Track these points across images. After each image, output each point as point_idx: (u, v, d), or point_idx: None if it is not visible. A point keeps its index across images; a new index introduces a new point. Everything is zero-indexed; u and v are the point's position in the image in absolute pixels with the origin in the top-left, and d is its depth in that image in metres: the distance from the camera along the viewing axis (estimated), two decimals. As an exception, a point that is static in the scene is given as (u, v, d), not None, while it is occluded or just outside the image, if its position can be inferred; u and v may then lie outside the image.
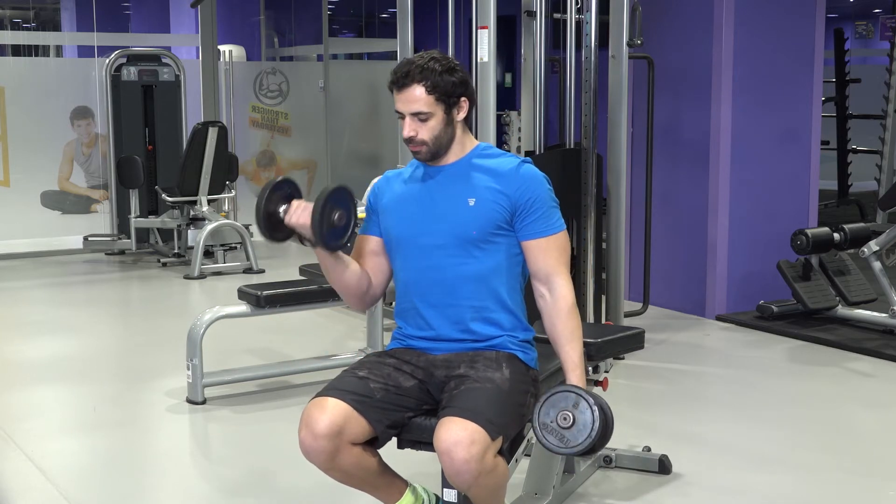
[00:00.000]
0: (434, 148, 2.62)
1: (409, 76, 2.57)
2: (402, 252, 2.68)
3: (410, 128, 2.60)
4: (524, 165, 2.65)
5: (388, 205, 2.72)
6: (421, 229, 2.64)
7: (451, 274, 2.62)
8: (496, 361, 2.59)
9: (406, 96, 2.58)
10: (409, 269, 2.67)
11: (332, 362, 4.61)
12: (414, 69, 2.57)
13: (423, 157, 2.65)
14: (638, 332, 3.51)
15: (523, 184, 2.60)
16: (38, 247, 8.25)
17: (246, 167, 9.31)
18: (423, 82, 2.56)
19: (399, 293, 2.73)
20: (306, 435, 2.47)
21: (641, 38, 4.97)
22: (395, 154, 6.24)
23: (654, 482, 3.43)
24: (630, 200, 5.94)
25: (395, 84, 2.60)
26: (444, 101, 2.59)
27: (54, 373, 4.95)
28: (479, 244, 2.60)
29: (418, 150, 2.63)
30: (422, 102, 2.57)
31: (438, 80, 2.57)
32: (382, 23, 14.19)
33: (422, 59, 2.59)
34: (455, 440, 2.35)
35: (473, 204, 2.60)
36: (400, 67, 2.60)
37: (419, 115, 2.58)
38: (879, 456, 3.81)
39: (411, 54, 5.53)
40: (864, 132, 9.93)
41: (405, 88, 2.58)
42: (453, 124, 2.63)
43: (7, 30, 14.48)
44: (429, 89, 2.57)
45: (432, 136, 2.61)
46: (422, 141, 2.61)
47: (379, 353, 2.73)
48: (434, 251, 2.63)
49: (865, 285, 5.66)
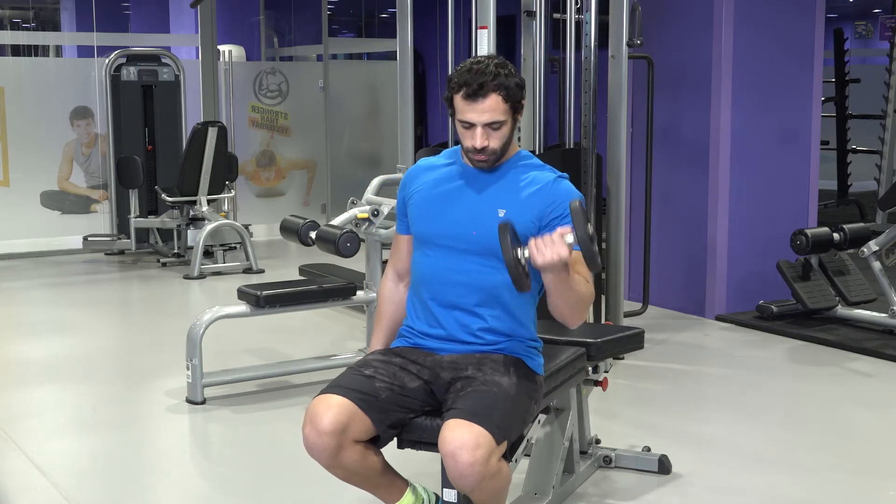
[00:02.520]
0: (500, 154, 2.59)
1: (485, 87, 2.49)
2: (426, 246, 2.67)
3: (482, 138, 2.54)
4: (561, 182, 2.61)
5: (417, 196, 2.70)
6: (445, 230, 2.63)
7: (467, 280, 2.61)
8: (503, 365, 2.59)
9: (483, 106, 2.51)
10: (426, 264, 2.67)
11: (332, 362, 4.61)
12: (489, 78, 2.50)
13: (487, 165, 2.59)
14: (638, 332, 3.51)
15: (557, 199, 2.57)
16: (37, 247, 8.25)
17: (246, 167, 9.31)
18: (499, 91, 2.51)
19: (413, 282, 2.73)
20: (310, 431, 2.47)
21: (641, 38, 4.96)
22: (394, 154, 6.23)
23: (654, 482, 3.43)
24: (630, 200, 5.94)
25: (468, 95, 2.51)
26: (514, 108, 2.56)
27: (54, 373, 4.95)
28: (500, 255, 2.57)
29: (485, 160, 2.58)
30: (500, 111, 2.52)
31: (511, 85, 2.53)
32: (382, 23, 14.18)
33: (489, 66, 2.51)
34: (461, 443, 2.35)
35: (503, 216, 2.55)
36: (471, 77, 2.50)
37: (493, 125, 2.53)
38: (879, 456, 3.81)
39: (411, 54, 5.59)
40: (864, 132, 9.92)
41: (482, 98, 2.50)
42: (515, 128, 2.61)
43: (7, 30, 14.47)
44: (504, 98, 2.52)
45: (502, 144, 2.57)
46: (493, 150, 2.56)
47: (385, 350, 2.73)
48: (454, 254, 2.61)
49: (865, 285, 5.66)
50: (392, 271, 2.85)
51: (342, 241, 4.42)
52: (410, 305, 2.73)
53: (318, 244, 4.55)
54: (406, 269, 2.77)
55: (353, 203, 4.80)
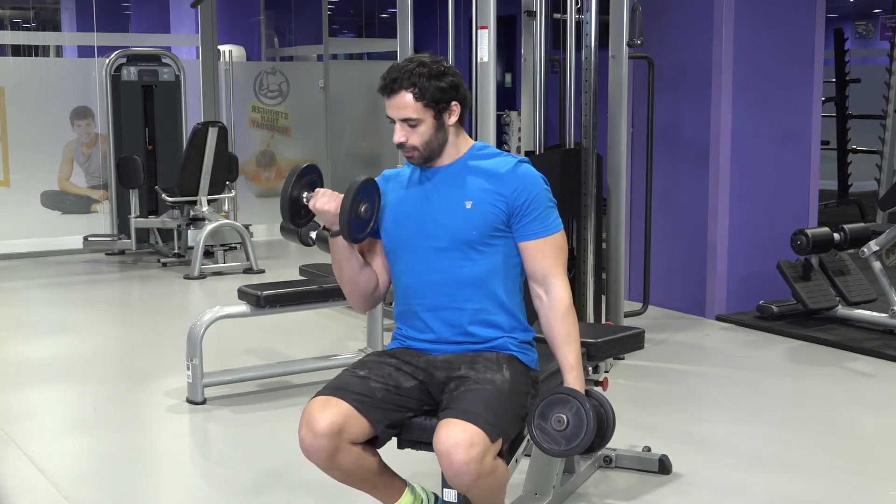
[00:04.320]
0: (426, 153, 2.61)
1: (396, 82, 2.55)
2: (400, 254, 2.68)
3: (400, 133, 2.59)
4: (521, 165, 2.63)
5: (386, 205, 2.71)
6: (418, 232, 2.64)
7: (449, 277, 2.61)
8: (496, 363, 2.59)
9: (395, 103, 2.57)
10: (407, 271, 2.67)
11: (332, 362, 4.61)
12: (402, 75, 2.55)
13: (416, 161, 2.64)
14: (638, 332, 3.51)
15: (520, 184, 2.59)
16: (38, 247, 8.26)
17: (246, 167, 9.31)
18: (410, 89, 2.55)
19: (398, 296, 2.73)
20: (306, 433, 2.47)
21: (641, 38, 4.96)
22: (394, 154, 6.23)
23: (654, 482, 3.43)
24: (630, 200, 5.94)
25: (383, 90, 2.58)
26: (433, 108, 2.57)
27: (54, 373, 4.95)
28: (477, 247, 2.59)
29: (410, 156, 2.63)
30: (410, 109, 2.56)
31: (427, 85, 2.55)
32: (382, 23, 14.20)
33: (410, 65, 2.57)
34: (454, 442, 2.35)
35: (471, 207, 2.59)
36: (388, 73, 2.58)
37: (408, 122, 2.57)
38: (879, 456, 3.81)
39: (411, 54, 5.59)
40: (864, 132, 9.92)
41: (394, 95, 2.56)
42: (444, 128, 2.61)
43: (7, 30, 14.48)
44: (416, 96, 2.55)
45: (423, 142, 2.59)
46: (412, 146, 2.60)
47: (380, 352, 2.73)
48: (432, 254, 2.62)
49: (865, 285, 5.66)
50: None
51: (342, 241, 4.41)
52: (400, 320, 2.74)
53: (318, 244, 4.55)
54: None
55: (354, 203, 4.79)
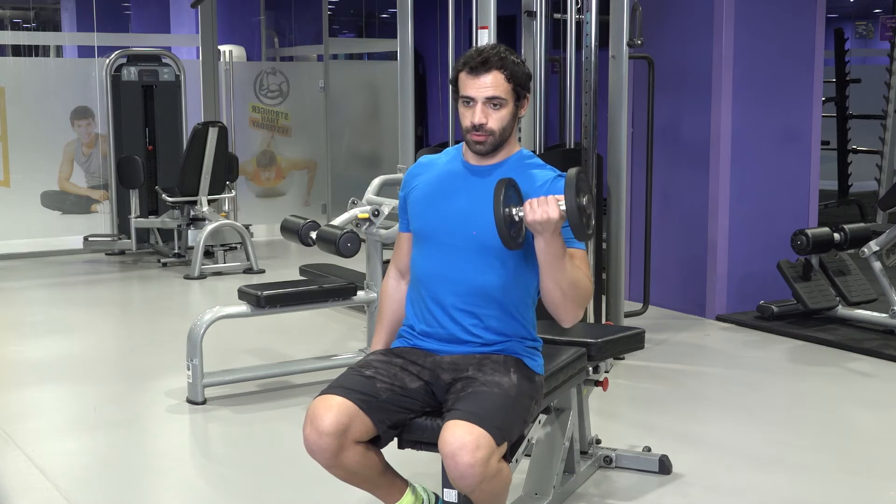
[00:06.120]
0: (499, 139, 2.60)
1: (488, 62, 2.54)
2: (423, 245, 2.68)
3: (482, 114, 2.56)
4: (560, 181, 2.59)
5: (417, 191, 2.71)
6: (444, 228, 2.63)
7: (465, 278, 2.60)
8: (504, 366, 2.58)
9: (483, 81, 2.55)
10: (425, 263, 2.67)
11: (332, 362, 4.61)
12: (493, 56, 2.55)
13: (486, 148, 2.60)
14: (638, 333, 3.51)
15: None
16: (38, 247, 8.26)
17: (246, 167, 9.31)
18: (502, 69, 2.55)
19: (412, 281, 2.73)
20: (311, 432, 2.47)
21: (641, 38, 4.96)
22: (395, 154, 6.23)
23: (654, 482, 3.43)
24: (630, 200, 5.94)
25: (471, 70, 2.56)
26: (517, 93, 2.59)
27: (54, 373, 4.95)
28: (499, 255, 2.57)
29: (482, 140, 2.59)
30: (500, 89, 2.55)
31: (516, 69, 2.57)
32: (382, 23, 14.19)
33: (497, 48, 2.58)
34: (460, 444, 2.35)
35: None
36: (475, 54, 2.57)
37: (493, 101, 2.55)
38: (879, 456, 3.81)
39: (412, 54, 5.59)
40: (864, 132, 9.93)
41: (484, 73, 2.54)
42: (516, 119, 2.62)
43: (7, 30, 14.48)
44: (507, 77, 2.55)
45: (501, 127, 2.58)
46: (490, 130, 2.57)
47: (386, 351, 2.73)
48: (453, 252, 2.61)
49: (865, 285, 5.66)
50: (394, 269, 2.86)
51: (343, 242, 4.42)
52: (409, 304, 2.73)
53: (318, 244, 4.56)
54: (407, 268, 2.78)
55: (354, 203, 4.80)
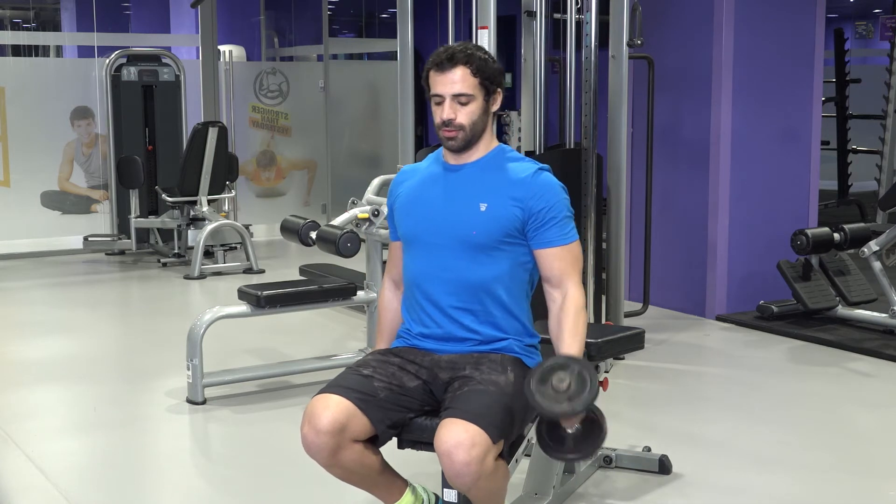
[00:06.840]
0: (470, 134, 2.60)
1: (453, 58, 2.56)
2: (411, 248, 2.69)
3: (450, 110, 2.58)
4: (541, 173, 2.63)
5: (402, 200, 2.72)
6: (429, 228, 2.64)
7: (455, 276, 2.61)
8: (501, 364, 2.59)
9: (449, 77, 2.57)
10: (415, 265, 2.68)
11: (332, 362, 4.61)
12: (458, 52, 2.57)
13: (457, 144, 2.61)
14: (638, 333, 3.51)
15: (539, 192, 2.59)
16: (38, 247, 8.26)
17: (246, 167, 9.31)
18: (467, 64, 2.56)
19: (405, 285, 2.74)
20: (309, 431, 2.47)
21: (641, 38, 4.96)
22: (395, 154, 6.23)
23: (654, 482, 3.43)
24: (630, 200, 5.94)
25: (437, 66, 2.58)
26: (486, 87, 2.59)
27: (54, 373, 4.95)
28: (486, 250, 2.59)
29: (454, 136, 2.60)
30: (466, 84, 2.56)
31: (482, 64, 2.58)
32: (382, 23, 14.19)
33: (463, 46, 2.60)
34: (456, 442, 2.35)
35: (485, 210, 2.58)
36: (441, 52, 2.59)
37: (460, 98, 2.57)
38: (879, 456, 3.81)
39: (411, 54, 5.59)
40: (864, 132, 9.93)
41: (450, 70, 2.56)
42: (488, 114, 2.63)
43: (7, 30, 14.49)
44: (473, 72, 2.57)
45: (470, 122, 2.59)
46: (459, 125, 2.58)
47: (384, 350, 2.73)
48: (440, 252, 2.62)
49: (865, 285, 5.66)
50: (388, 280, 2.87)
51: (343, 242, 4.42)
52: (405, 310, 2.74)
53: (318, 244, 4.56)
54: (401, 277, 2.79)
55: (354, 203, 4.80)
